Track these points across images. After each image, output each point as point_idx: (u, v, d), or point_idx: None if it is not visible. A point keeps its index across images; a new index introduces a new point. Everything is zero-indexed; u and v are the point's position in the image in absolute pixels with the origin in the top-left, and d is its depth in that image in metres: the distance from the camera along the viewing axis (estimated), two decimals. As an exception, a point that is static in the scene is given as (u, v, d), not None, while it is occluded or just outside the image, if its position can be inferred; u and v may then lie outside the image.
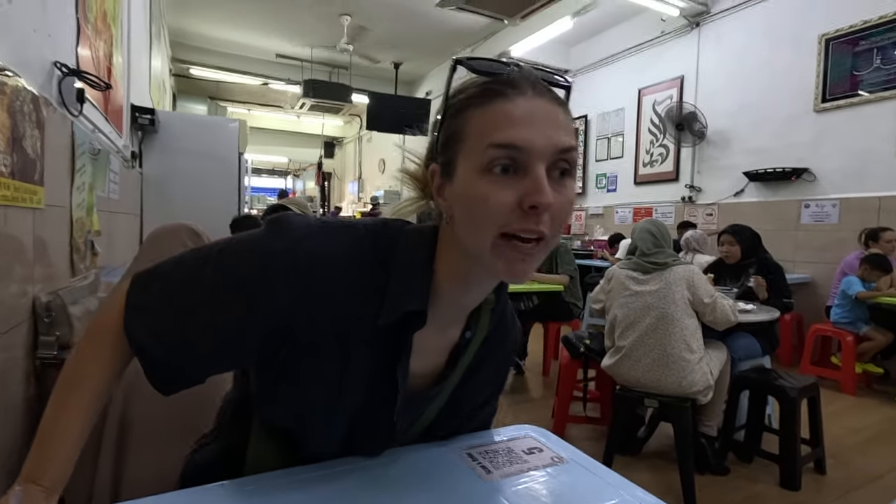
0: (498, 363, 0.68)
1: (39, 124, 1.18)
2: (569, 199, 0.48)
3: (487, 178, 0.46)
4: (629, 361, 1.91)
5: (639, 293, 1.89)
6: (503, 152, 0.45)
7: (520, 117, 0.46)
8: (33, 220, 1.17)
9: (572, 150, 0.47)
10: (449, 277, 0.54)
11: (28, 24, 1.16)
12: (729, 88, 4.71)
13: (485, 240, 0.47)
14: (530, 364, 3.55)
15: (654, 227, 1.96)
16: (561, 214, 0.47)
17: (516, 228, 0.46)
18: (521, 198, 0.45)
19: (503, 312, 0.66)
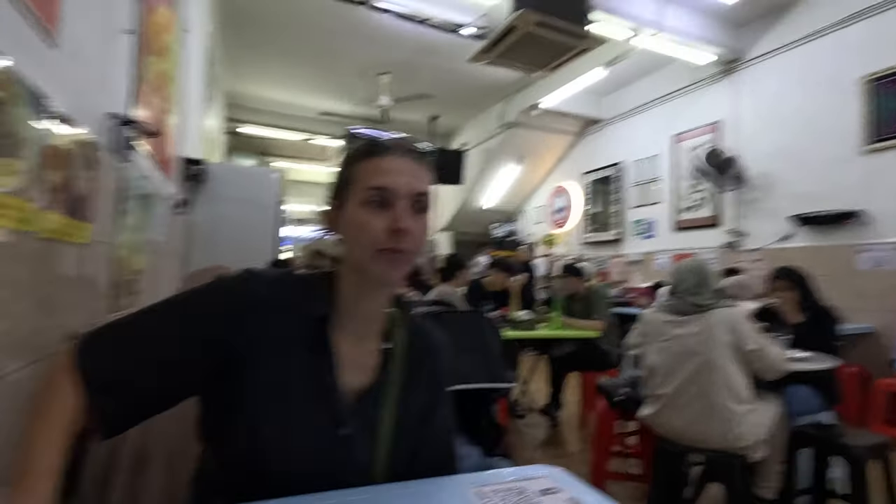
0: (434, 372, 0.78)
1: (91, 167, 1.28)
2: (424, 226, 0.69)
3: (366, 210, 0.66)
4: (669, 411, 1.78)
5: (677, 337, 1.79)
6: (377, 192, 0.66)
7: (389, 169, 0.67)
8: (79, 254, 1.25)
9: (425, 195, 0.69)
10: (348, 290, 0.71)
11: (91, 78, 1.28)
12: (768, 132, 4.63)
13: (366, 254, 0.66)
14: (566, 416, 3.37)
15: (696, 266, 1.87)
16: (418, 237, 0.67)
17: (386, 245, 0.65)
18: (389, 224, 0.65)
19: (417, 327, 0.80)
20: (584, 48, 3.85)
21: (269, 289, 0.69)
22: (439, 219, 8.83)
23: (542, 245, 7.79)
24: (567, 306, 3.45)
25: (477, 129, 7.81)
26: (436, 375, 0.78)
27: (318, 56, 5.75)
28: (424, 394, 0.75)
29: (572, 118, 6.84)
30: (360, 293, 0.71)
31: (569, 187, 7.37)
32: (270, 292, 0.69)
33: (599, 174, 6.73)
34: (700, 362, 1.72)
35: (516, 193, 8.11)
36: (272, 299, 0.68)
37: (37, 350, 1.05)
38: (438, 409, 0.77)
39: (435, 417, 0.77)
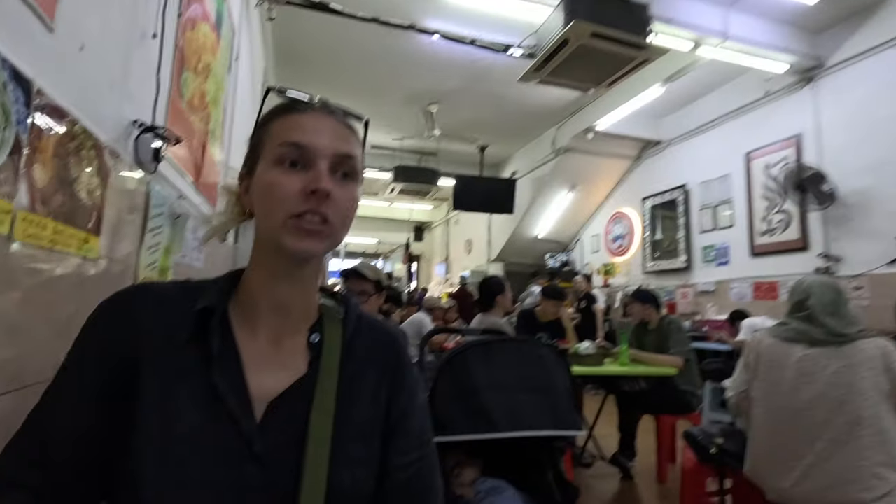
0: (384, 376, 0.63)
1: (101, 173, 1.15)
2: (352, 196, 0.58)
3: (278, 170, 0.56)
4: (792, 473, 1.39)
5: (806, 374, 1.40)
6: (291, 149, 0.56)
7: (308, 125, 0.57)
8: (81, 268, 1.10)
9: (353, 159, 0.58)
10: (257, 275, 0.60)
11: (103, 78, 1.18)
12: (860, 144, 4.10)
13: (276, 220, 0.55)
14: (641, 467, 2.92)
15: (832, 283, 1.47)
16: (343, 208, 0.57)
17: (302, 209, 0.54)
18: (305, 185, 0.54)
19: (360, 319, 0.66)
20: (643, 59, 3.59)
21: (158, 291, 0.60)
22: (491, 249, 8.59)
23: (599, 275, 7.33)
24: (637, 338, 3.05)
25: (527, 156, 7.60)
26: (393, 384, 0.64)
27: (368, 89, 5.81)
28: (369, 407, 0.61)
29: (629, 141, 6.49)
30: (271, 275, 0.59)
31: (628, 213, 6.94)
32: (159, 293, 0.60)
33: (661, 198, 6.29)
34: (840, 410, 1.33)
35: (570, 222, 7.76)
36: (160, 301, 0.58)
37: (13, 378, 0.89)
38: (398, 437, 0.61)
39: (392, 447, 0.60)
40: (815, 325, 1.40)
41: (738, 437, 1.80)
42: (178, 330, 0.55)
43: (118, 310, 0.57)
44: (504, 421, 1.11)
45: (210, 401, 0.53)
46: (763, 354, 1.49)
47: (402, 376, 0.64)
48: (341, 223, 0.57)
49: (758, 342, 1.52)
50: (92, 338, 0.56)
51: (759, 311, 4.51)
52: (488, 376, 1.18)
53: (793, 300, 1.50)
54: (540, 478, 1.31)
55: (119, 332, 0.56)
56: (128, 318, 0.56)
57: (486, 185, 7.24)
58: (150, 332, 0.55)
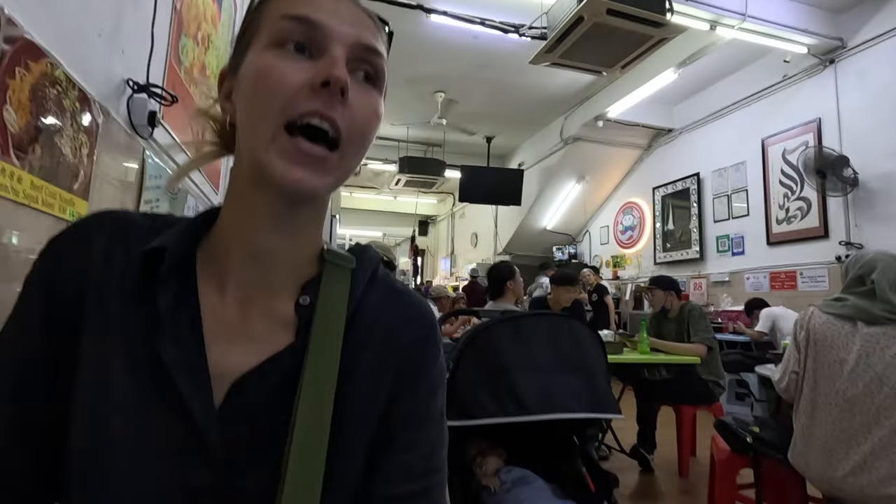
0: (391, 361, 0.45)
1: (88, 129, 1.04)
2: (373, 108, 0.42)
3: (276, 52, 0.39)
4: (846, 464, 1.27)
5: (865, 356, 1.27)
6: (297, 25, 0.39)
7: (322, 3, 0.40)
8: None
9: (379, 56, 0.43)
10: (231, 214, 0.44)
11: (90, 25, 1.06)
12: (885, 127, 3.95)
13: (264, 130, 0.38)
14: (661, 460, 2.81)
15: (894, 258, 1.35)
16: (362, 121, 0.41)
17: (304, 110, 0.38)
18: (313, 76, 0.38)
19: (375, 277, 0.48)
20: (660, 38, 3.45)
21: (123, 221, 0.44)
22: (497, 242, 8.47)
23: (609, 267, 7.20)
24: (657, 326, 2.93)
25: (535, 147, 7.46)
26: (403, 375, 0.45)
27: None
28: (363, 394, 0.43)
29: (640, 129, 6.34)
30: (250, 214, 0.42)
31: (638, 204, 6.80)
32: (124, 224, 0.44)
33: (673, 188, 6.15)
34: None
35: (579, 213, 7.62)
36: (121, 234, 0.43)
37: None
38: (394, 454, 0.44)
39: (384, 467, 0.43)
40: (876, 302, 1.28)
41: (773, 426, 1.68)
42: (127, 276, 0.41)
43: (73, 239, 0.43)
44: (537, 403, 0.99)
45: (152, 375, 0.38)
46: (815, 332, 1.36)
47: (421, 370, 0.46)
48: (358, 143, 0.41)
49: (808, 319, 1.40)
50: (40, 269, 0.43)
51: (776, 302, 4.38)
52: (518, 355, 1.06)
53: (852, 274, 1.37)
54: (570, 466, 1.20)
55: (67, 268, 0.42)
56: (81, 251, 0.42)
57: (493, 177, 7.12)
58: (100, 275, 0.41)
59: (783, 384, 1.42)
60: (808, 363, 1.36)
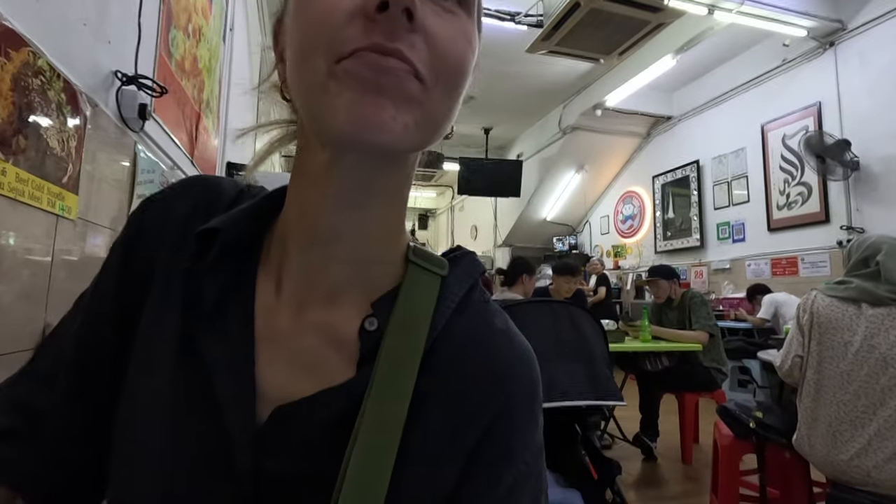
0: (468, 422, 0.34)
1: (76, 122, 1.02)
2: (461, 31, 0.31)
3: None
4: (850, 446, 1.26)
5: (867, 339, 1.26)
6: None
7: None
8: (56, 228, 0.98)
9: None
10: (295, 190, 0.35)
11: (74, 13, 1.04)
12: (887, 110, 3.91)
13: (315, 71, 0.28)
14: (663, 447, 2.80)
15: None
16: (446, 49, 0.29)
17: (358, 46, 0.27)
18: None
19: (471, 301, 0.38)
20: (658, 24, 3.41)
21: (209, 190, 0.40)
22: (497, 234, 8.45)
23: (609, 257, 7.19)
24: (658, 315, 2.92)
25: (534, 137, 7.42)
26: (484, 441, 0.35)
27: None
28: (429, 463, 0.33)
29: (638, 117, 6.30)
30: (314, 183, 0.33)
31: (638, 193, 6.77)
32: (208, 194, 0.39)
33: (673, 176, 6.12)
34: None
35: (579, 203, 7.59)
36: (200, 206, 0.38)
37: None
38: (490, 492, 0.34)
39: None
40: (881, 283, 1.27)
41: (777, 411, 1.67)
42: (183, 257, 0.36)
43: (160, 206, 0.39)
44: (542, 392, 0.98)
45: (192, 373, 0.33)
46: (819, 315, 1.35)
47: (504, 438, 0.35)
48: (447, 82, 0.30)
49: (812, 302, 1.38)
50: (126, 231, 0.39)
51: (778, 288, 4.36)
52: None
53: (857, 256, 1.36)
54: (572, 454, 1.19)
55: (147, 236, 0.38)
56: (163, 219, 0.38)
57: (492, 168, 7.08)
58: (172, 248, 0.37)
59: (786, 367, 1.41)
60: (812, 346, 1.34)
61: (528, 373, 0.37)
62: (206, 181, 0.41)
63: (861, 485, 1.27)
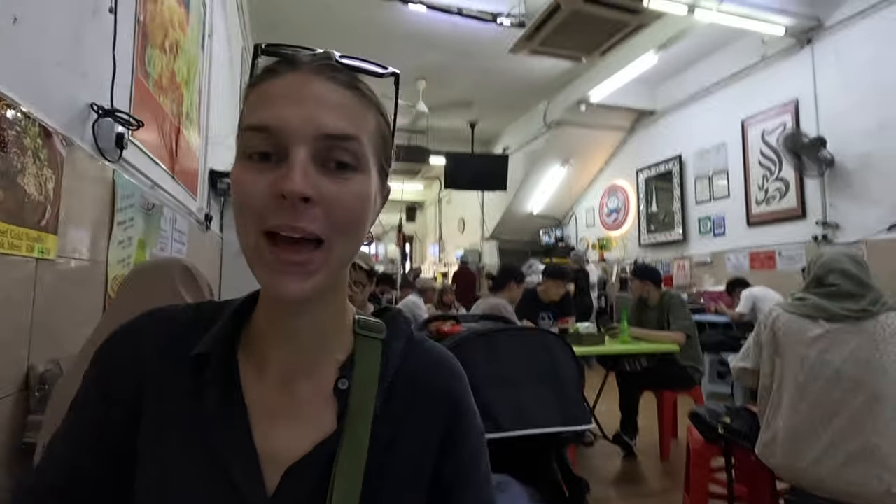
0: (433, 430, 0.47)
1: (52, 163, 1.04)
2: (352, 192, 0.40)
3: (244, 164, 0.40)
4: (807, 454, 1.33)
5: (822, 354, 1.33)
6: (256, 136, 0.39)
7: (281, 95, 0.40)
8: (36, 272, 1.00)
9: (349, 139, 0.40)
10: (263, 300, 0.46)
11: (48, 55, 1.05)
12: (862, 107, 3.99)
13: (248, 238, 0.39)
14: (643, 444, 2.90)
15: (855, 256, 1.42)
16: (339, 211, 0.40)
17: (273, 225, 0.38)
18: (273, 188, 0.38)
19: (410, 345, 0.50)
20: (637, 25, 3.45)
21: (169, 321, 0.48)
22: (485, 227, 8.50)
23: (595, 249, 7.28)
24: (638, 315, 2.99)
25: (519, 131, 7.44)
26: (446, 440, 0.47)
27: (352, 66, 5.60)
28: (408, 473, 0.45)
29: (622, 112, 6.34)
30: (273, 302, 0.45)
31: (622, 186, 6.85)
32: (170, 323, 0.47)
33: (656, 170, 6.19)
34: (858, 390, 1.27)
35: (564, 196, 7.66)
36: (169, 335, 0.46)
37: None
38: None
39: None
40: (834, 301, 1.34)
41: (745, 416, 1.75)
42: (179, 376, 0.44)
43: (124, 343, 0.47)
44: (509, 420, 1.03)
45: (211, 467, 0.41)
46: (779, 331, 1.42)
47: (462, 431, 0.48)
48: (344, 236, 0.40)
49: (773, 319, 1.45)
50: (97, 374, 0.46)
51: (756, 281, 4.47)
52: (491, 371, 1.09)
53: (812, 274, 1.43)
54: (546, 470, 1.25)
55: (121, 374, 0.45)
56: (133, 355, 0.45)
57: (478, 162, 7.11)
58: (154, 378, 0.45)
59: (735, 371, 1.52)
60: (776, 361, 1.42)
61: (460, 378, 0.51)
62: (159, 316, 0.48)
63: (817, 490, 1.35)
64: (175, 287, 0.91)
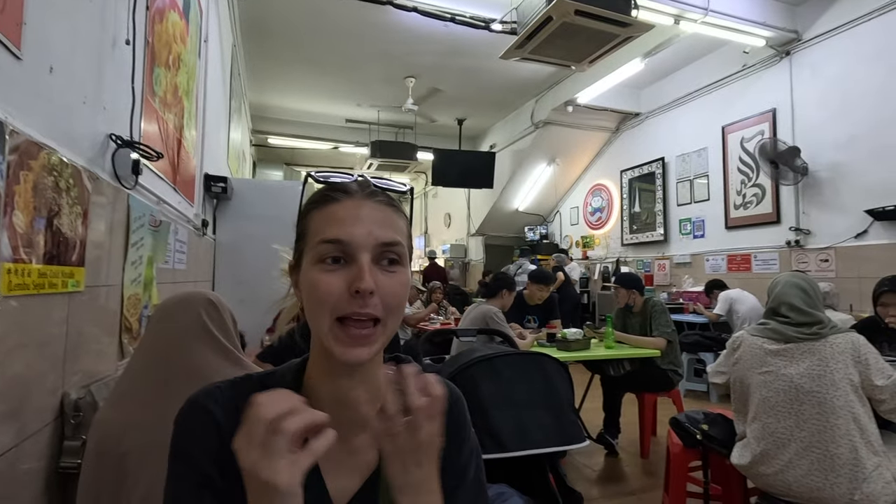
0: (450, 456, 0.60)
1: (81, 200, 1.08)
2: (400, 282, 0.54)
3: (320, 268, 0.52)
4: (776, 462, 1.47)
5: (780, 371, 1.48)
6: (331, 246, 0.52)
7: (346, 217, 0.53)
8: (68, 305, 1.05)
9: (396, 245, 0.54)
10: (316, 370, 0.57)
11: (76, 96, 1.09)
12: (834, 119, 4.18)
13: (323, 324, 0.52)
14: (624, 442, 3.05)
15: (804, 283, 1.57)
16: (391, 298, 0.53)
17: (347, 312, 0.51)
18: (349, 284, 0.51)
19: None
20: (627, 37, 3.53)
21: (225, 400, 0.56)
22: (471, 223, 8.59)
23: (578, 247, 7.44)
24: (622, 321, 3.13)
25: (506, 129, 7.52)
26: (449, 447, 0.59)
27: (342, 63, 5.59)
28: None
29: (608, 113, 6.48)
30: (329, 372, 0.56)
31: (606, 186, 7.00)
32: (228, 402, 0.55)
33: (640, 171, 6.35)
34: (813, 403, 1.42)
35: (550, 194, 7.78)
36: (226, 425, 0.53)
37: (27, 418, 0.85)
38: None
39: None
40: (790, 325, 1.53)
41: (721, 423, 1.89)
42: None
43: (197, 413, 0.55)
44: (513, 440, 1.13)
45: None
46: (745, 351, 1.61)
47: (460, 439, 0.62)
48: (394, 314, 0.54)
49: (742, 340, 1.63)
50: (179, 443, 0.54)
51: (732, 283, 4.67)
52: (496, 393, 1.19)
53: (769, 305, 1.61)
54: (542, 481, 1.35)
55: (200, 441, 0.53)
56: (209, 419, 0.54)
57: (465, 159, 7.15)
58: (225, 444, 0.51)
59: (710, 381, 1.74)
60: (737, 374, 1.59)
61: (459, 398, 0.65)
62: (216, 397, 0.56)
63: (784, 496, 1.49)
64: (202, 320, 0.97)
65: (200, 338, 0.93)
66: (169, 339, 0.93)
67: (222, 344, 0.95)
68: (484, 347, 1.46)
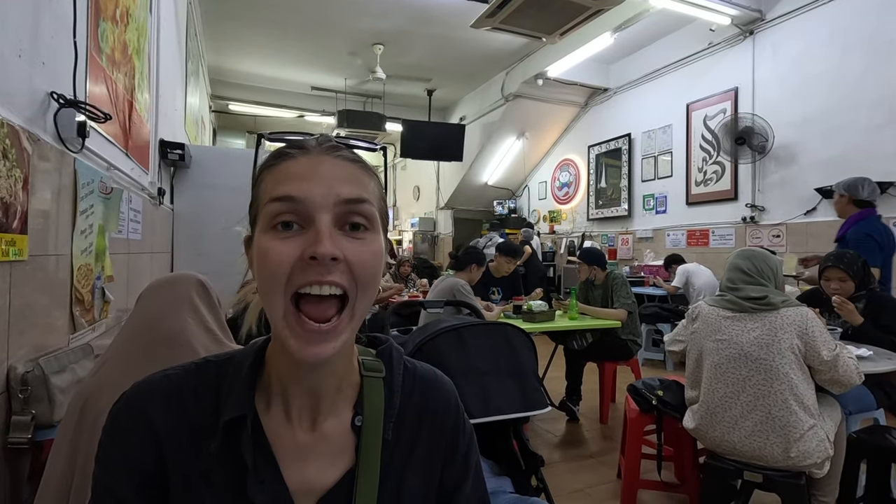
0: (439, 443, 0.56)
1: (21, 163, 1.01)
2: (369, 250, 0.46)
3: (271, 234, 0.45)
4: (721, 424, 1.56)
5: (733, 339, 1.56)
6: (282, 205, 0.44)
7: (300, 172, 0.46)
8: (10, 275, 0.99)
9: (362, 202, 0.46)
10: (279, 358, 0.49)
11: (9, 48, 1.00)
12: (791, 99, 4.32)
13: (277, 306, 0.44)
14: (585, 409, 3.18)
15: (756, 255, 1.66)
16: (360, 267, 0.45)
17: (303, 282, 0.43)
18: (303, 251, 0.43)
19: (407, 375, 0.57)
20: (598, 9, 3.51)
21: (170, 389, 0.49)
22: (440, 196, 8.55)
23: (546, 221, 7.54)
24: (585, 293, 3.22)
25: (476, 101, 7.44)
26: (447, 450, 0.56)
27: (307, 27, 5.35)
28: (421, 482, 0.54)
29: (577, 88, 6.48)
30: (289, 368, 0.48)
31: (574, 161, 7.07)
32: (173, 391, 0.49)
33: (607, 147, 6.43)
34: (758, 369, 1.51)
35: (518, 169, 7.81)
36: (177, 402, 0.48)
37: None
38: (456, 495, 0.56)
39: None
40: (743, 298, 1.61)
41: (675, 389, 1.99)
42: (205, 438, 0.47)
43: (131, 415, 0.48)
44: (477, 407, 1.16)
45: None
46: (702, 319, 1.70)
47: (457, 440, 0.57)
48: (364, 291, 0.45)
49: (700, 310, 1.71)
50: (112, 449, 0.48)
51: (691, 258, 4.85)
52: (462, 362, 1.21)
53: (724, 276, 1.70)
54: (506, 446, 1.39)
55: (138, 444, 0.47)
56: (143, 425, 0.47)
57: (435, 131, 7.04)
58: (172, 443, 0.47)
59: (667, 349, 1.83)
60: (692, 342, 1.68)
61: (453, 392, 0.60)
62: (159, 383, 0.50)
63: (730, 455, 1.59)
64: (193, 301, 0.93)
65: (186, 310, 0.90)
66: (156, 309, 0.90)
67: (206, 319, 0.92)
68: (451, 319, 1.48)
